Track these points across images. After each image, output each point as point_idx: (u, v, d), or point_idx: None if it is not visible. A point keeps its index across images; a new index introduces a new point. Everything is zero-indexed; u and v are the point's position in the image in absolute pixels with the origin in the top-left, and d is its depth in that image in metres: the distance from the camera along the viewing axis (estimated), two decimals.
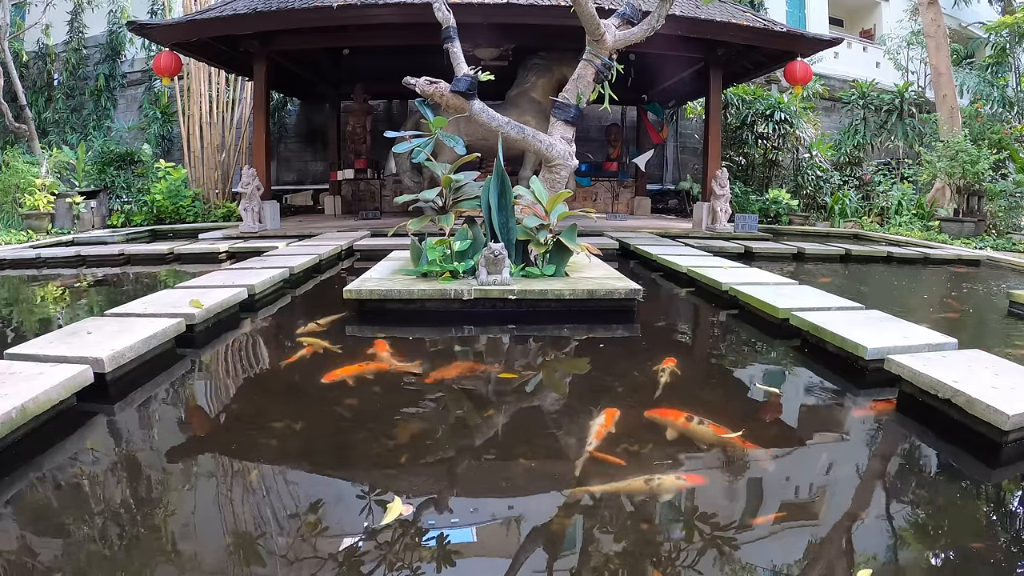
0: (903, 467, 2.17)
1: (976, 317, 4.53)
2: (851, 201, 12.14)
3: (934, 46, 12.00)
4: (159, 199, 11.20)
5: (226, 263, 6.38)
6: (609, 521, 1.73)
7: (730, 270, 5.13)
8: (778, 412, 2.59)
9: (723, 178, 9.39)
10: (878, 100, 14.02)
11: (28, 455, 2.03)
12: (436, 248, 4.34)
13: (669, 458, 2.09)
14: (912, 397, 2.50)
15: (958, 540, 1.67)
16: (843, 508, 1.83)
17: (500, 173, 4.36)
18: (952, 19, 17.65)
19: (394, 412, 2.48)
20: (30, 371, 2.36)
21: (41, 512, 1.76)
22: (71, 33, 14.96)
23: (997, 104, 15.45)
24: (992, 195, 10.24)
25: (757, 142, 13.04)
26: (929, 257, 7.31)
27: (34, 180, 9.99)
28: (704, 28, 8.25)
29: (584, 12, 4.68)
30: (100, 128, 14.48)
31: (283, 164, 14.19)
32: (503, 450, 2.21)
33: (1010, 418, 2.02)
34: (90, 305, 4.70)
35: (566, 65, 8.83)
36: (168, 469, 2.02)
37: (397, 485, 1.91)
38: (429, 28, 5.46)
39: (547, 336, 3.77)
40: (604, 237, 7.95)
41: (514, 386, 2.83)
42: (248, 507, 1.77)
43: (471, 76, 4.76)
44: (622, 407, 2.43)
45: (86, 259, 6.73)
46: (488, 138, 6.01)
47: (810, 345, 3.32)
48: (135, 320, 3.20)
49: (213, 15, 8.38)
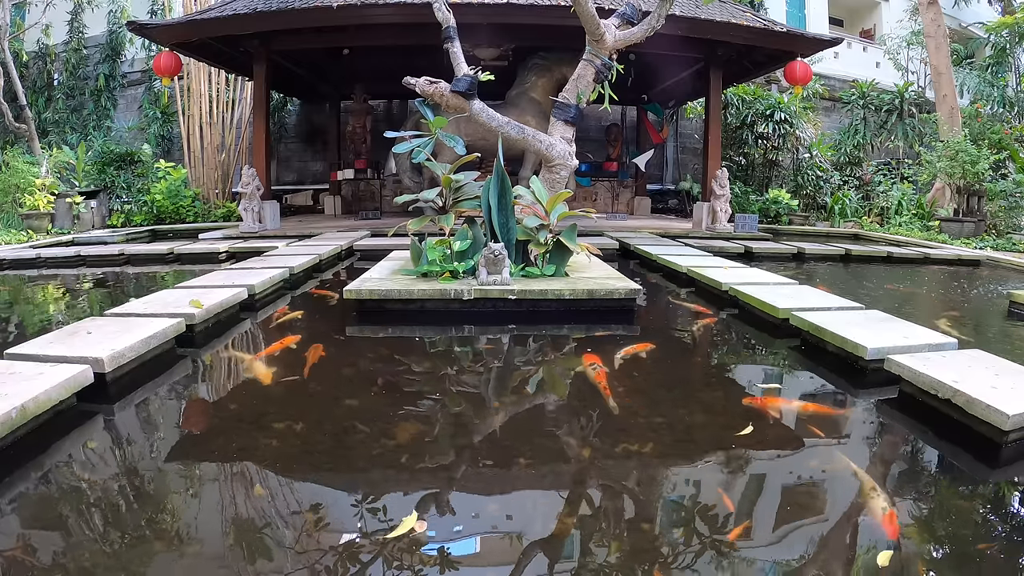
0: (903, 467, 2.17)
1: (976, 317, 4.53)
2: (851, 201, 12.14)
3: (934, 46, 12.00)
4: (159, 199, 11.20)
5: (226, 263, 6.38)
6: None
7: (730, 270, 5.13)
8: (778, 412, 2.59)
9: (723, 178, 9.39)
10: (878, 100, 14.02)
11: (28, 455, 2.03)
12: (436, 248, 4.34)
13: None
14: (912, 397, 2.50)
15: (958, 540, 1.67)
16: (843, 508, 1.83)
17: (500, 173, 4.35)
18: (952, 19, 17.65)
19: (390, 409, 2.48)
20: (30, 371, 2.36)
21: (41, 512, 1.76)
22: (71, 33, 14.96)
23: (997, 104, 15.45)
24: (992, 195, 10.24)
25: (757, 142, 13.04)
26: (929, 257, 7.30)
27: (34, 180, 9.99)
28: (704, 28, 8.25)
29: (584, 12, 4.68)
30: (100, 128, 14.48)
31: (283, 164, 14.19)
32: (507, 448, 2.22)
33: (1010, 418, 2.02)
34: (90, 305, 4.70)
35: (566, 65, 8.83)
36: (168, 469, 2.02)
37: (396, 486, 1.91)
38: (429, 28, 5.47)
39: (547, 336, 3.77)
40: (604, 237, 7.94)
41: (515, 385, 2.83)
42: (248, 507, 1.77)
43: (471, 76, 4.76)
44: (622, 406, 2.43)
45: (86, 259, 6.73)
46: (488, 138, 6.01)
47: (810, 345, 3.32)
48: (135, 320, 3.20)
49: (213, 15, 8.38)
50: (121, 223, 11.00)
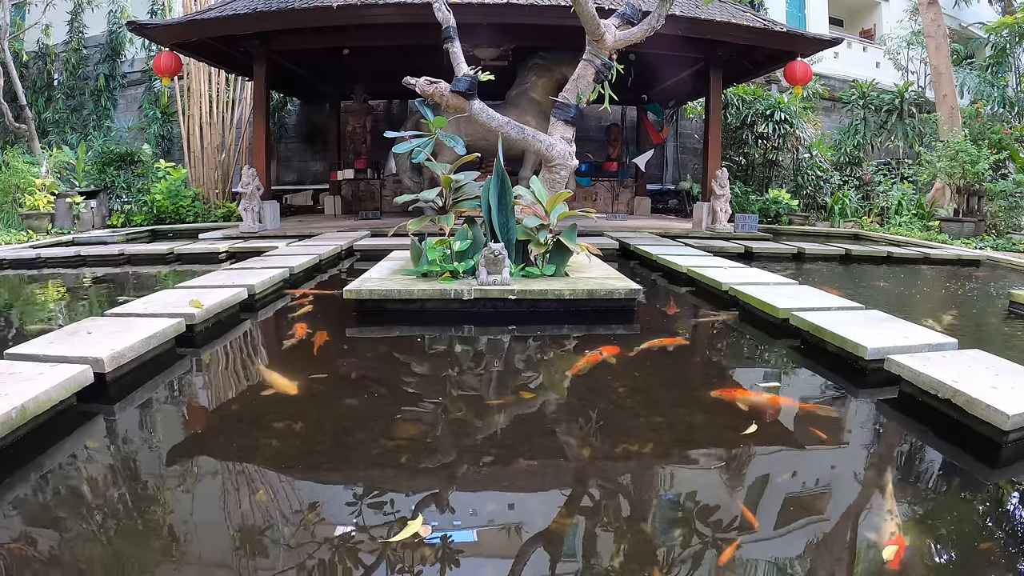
0: (903, 467, 2.17)
1: (976, 317, 4.53)
2: (851, 201, 12.14)
3: (934, 46, 12.00)
4: (159, 199, 11.20)
5: (226, 263, 6.37)
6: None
7: (730, 270, 5.13)
8: (777, 412, 2.59)
9: (723, 178, 9.39)
10: (878, 100, 14.02)
11: (28, 455, 2.03)
12: (436, 248, 4.34)
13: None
14: (912, 397, 2.50)
15: (958, 540, 1.67)
16: (843, 508, 1.83)
17: (500, 173, 4.35)
18: (952, 19, 17.65)
19: (391, 408, 2.48)
20: (30, 371, 2.36)
21: (41, 512, 1.76)
22: (71, 33, 14.96)
23: (997, 104, 15.45)
24: (992, 195, 10.24)
25: (757, 142, 13.04)
26: (929, 257, 7.30)
27: (34, 180, 9.99)
28: (704, 28, 8.25)
29: (584, 12, 4.68)
30: (100, 128, 14.48)
31: (283, 164, 14.19)
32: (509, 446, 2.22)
33: (1010, 418, 2.02)
34: (90, 305, 4.70)
35: (566, 65, 8.83)
36: (168, 469, 2.02)
37: (397, 487, 1.91)
38: (429, 28, 5.47)
39: (547, 336, 3.77)
40: (604, 237, 7.95)
41: (516, 384, 2.83)
42: (248, 507, 1.77)
43: (471, 76, 4.76)
44: (621, 405, 2.43)
45: (86, 259, 6.73)
46: (488, 138, 6.01)
47: (810, 345, 3.32)
48: (135, 320, 3.19)
49: (213, 15, 8.38)
50: (121, 223, 11.00)
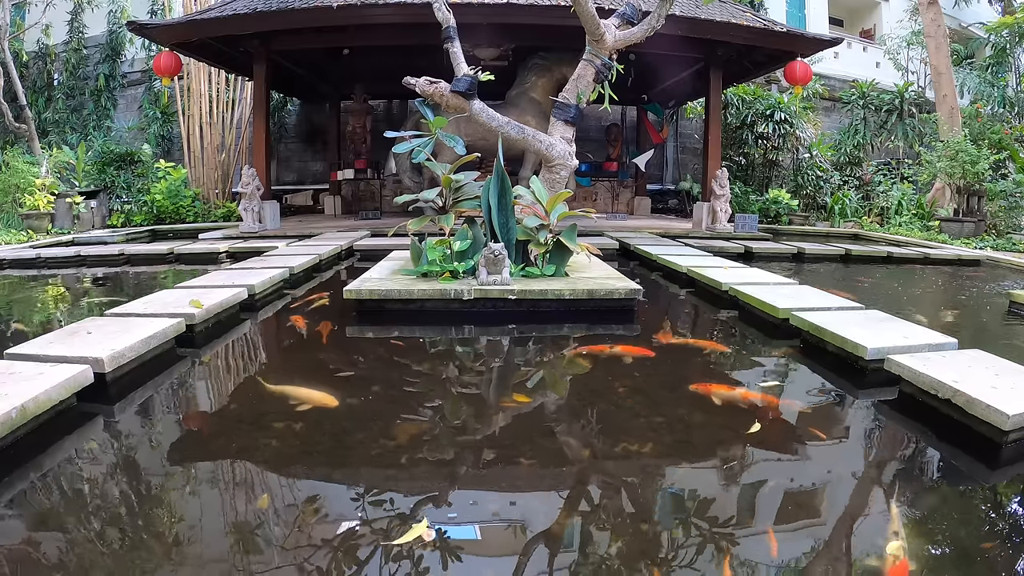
0: (903, 467, 2.17)
1: (976, 317, 4.53)
2: (851, 201, 12.14)
3: (934, 46, 12.00)
4: (159, 199, 11.20)
5: (226, 263, 6.38)
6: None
7: (730, 270, 5.13)
8: (778, 412, 2.59)
9: (723, 178, 9.39)
10: (878, 100, 14.02)
11: (28, 455, 2.03)
12: (436, 248, 4.34)
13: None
14: (912, 397, 2.50)
15: (958, 540, 1.67)
16: (843, 508, 1.83)
17: (500, 173, 4.35)
18: (952, 19, 17.65)
19: (392, 408, 2.48)
20: (30, 371, 2.36)
21: (41, 512, 1.76)
22: (71, 33, 14.97)
23: (997, 104, 15.45)
24: (992, 195, 10.24)
25: (757, 142, 13.04)
26: (929, 257, 7.30)
27: (34, 180, 9.99)
28: (704, 28, 8.25)
29: (584, 12, 4.68)
30: (100, 128, 14.48)
31: (283, 164, 14.19)
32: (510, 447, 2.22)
33: (1010, 418, 2.02)
34: (90, 305, 4.70)
35: (566, 65, 8.83)
36: (168, 469, 2.02)
37: (395, 489, 1.91)
38: (429, 28, 5.47)
39: (547, 336, 3.77)
40: (604, 237, 7.95)
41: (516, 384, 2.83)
42: (248, 508, 1.77)
43: (471, 76, 4.76)
44: (621, 404, 2.43)
45: (86, 259, 6.73)
46: (488, 138, 6.01)
47: (810, 345, 3.32)
48: (135, 320, 3.19)
49: (213, 15, 8.38)
50: (121, 223, 10.99)
